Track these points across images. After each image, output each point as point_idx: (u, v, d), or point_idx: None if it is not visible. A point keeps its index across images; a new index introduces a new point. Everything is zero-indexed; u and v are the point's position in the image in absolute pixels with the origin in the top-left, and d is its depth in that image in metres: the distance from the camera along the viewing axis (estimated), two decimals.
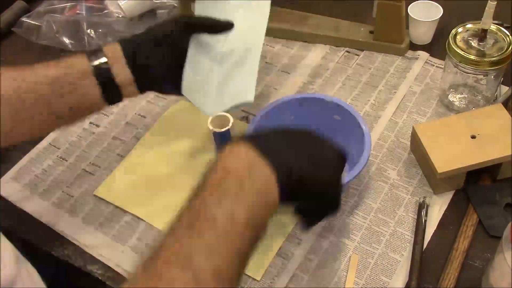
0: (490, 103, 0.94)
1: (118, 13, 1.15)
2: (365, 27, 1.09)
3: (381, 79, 1.02)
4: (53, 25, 1.12)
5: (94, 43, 1.10)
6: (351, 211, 0.84)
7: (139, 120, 0.99)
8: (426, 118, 0.95)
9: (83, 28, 1.11)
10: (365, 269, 0.77)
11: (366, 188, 0.86)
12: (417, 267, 0.75)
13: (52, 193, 0.90)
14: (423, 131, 0.85)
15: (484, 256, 0.77)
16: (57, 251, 0.83)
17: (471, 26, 0.90)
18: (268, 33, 1.11)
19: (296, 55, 1.09)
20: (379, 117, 0.96)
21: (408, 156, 0.90)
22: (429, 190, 0.85)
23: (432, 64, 1.04)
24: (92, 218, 0.86)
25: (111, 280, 0.79)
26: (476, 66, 0.86)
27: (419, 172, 0.87)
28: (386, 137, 0.93)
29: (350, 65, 1.06)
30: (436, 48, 1.06)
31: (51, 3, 1.17)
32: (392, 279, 0.76)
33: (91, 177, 0.91)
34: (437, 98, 0.98)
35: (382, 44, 1.06)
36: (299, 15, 1.13)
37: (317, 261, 0.79)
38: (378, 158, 0.90)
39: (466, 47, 0.88)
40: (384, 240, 0.80)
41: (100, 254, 0.81)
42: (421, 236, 0.78)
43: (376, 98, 0.99)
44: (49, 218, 0.86)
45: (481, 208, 0.81)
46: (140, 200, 0.87)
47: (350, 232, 0.81)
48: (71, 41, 1.11)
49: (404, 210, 0.83)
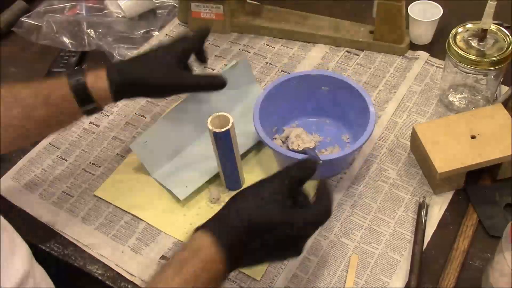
0: (490, 103, 0.94)
1: (118, 13, 1.15)
2: (365, 27, 1.09)
3: (381, 79, 1.02)
4: (53, 25, 1.12)
5: (94, 43, 1.10)
6: (351, 211, 0.84)
7: (139, 120, 0.99)
8: (426, 118, 0.95)
9: (83, 28, 1.11)
10: (365, 269, 0.77)
11: (366, 188, 0.86)
12: (417, 267, 0.75)
13: (52, 193, 0.90)
14: (423, 131, 0.85)
15: (484, 256, 0.77)
16: (57, 251, 0.83)
17: (471, 26, 0.90)
18: (268, 33, 1.12)
19: (296, 55, 1.09)
20: (379, 117, 0.96)
21: (408, 156, 0.90)
22: (429, 190, 0.85)
23: (432, 64, 1.04)
24: (92, 218, 0.86)
25: (111, 280, 0.79)
26: (476, 66, 0.86)
27: (419, 172, 0.87)
28: (386, 137, 0.93)
29: (350, 65, 1.06)
30: (436, 48, 1.06)
31: (51, 3, 1.17)
32: (392, 279, 0.76)
33: (91, 177, 0.91)
34: (437, 98, 0.98)
35: (382, 44, 1.06)
36: (299, 15, 1.13)
37: (317, 261, 0.79)
38: (378, 158, 0.90)
39: (466, 47, 0.88)
40: (384, 240, 0.80)
41: (100, 254, 0.81)
42: (421, 236, 0.78)
43: (376, 98, 0.99)
44: (49, 218, 0.86)
45: (481, 208, 0.81)
46: (140, 200, 0.87)
47: (350, 232, 0.81)
48: (71, 41, 1.11)
49: (404, 210, 0.83)
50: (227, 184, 0.86)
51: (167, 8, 1.19)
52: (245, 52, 1.10)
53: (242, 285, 0.77)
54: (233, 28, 1.14)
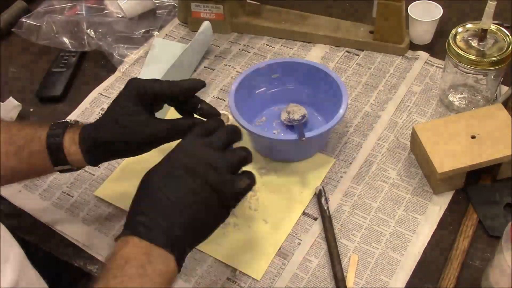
0: (490, 103, 0.94)
1: (118, 13, 1.15)
2: (365, 27, 1.09)
3: (381, 79, 1.02)
4: (53, 25, 1.12)
5: (94, 43, 1.10)
6: (351, 210, 0.84)
7: None
8: (426, 118, 0.95)
9: (83, 28, 1.11)
10: (365, 269, 0.77)
11: (366, 188, 0.86)
12: (337, 254, 0.77)
13: (52, 193, 0.90)
14: (423, 131, 0.85)
15: (484, 256, 0.77)
16: (57, 251, 0.83)
17: (471, 26, 0.90)
18: (268, 33, 1.12)
19: (296, 55, 1.09)
20: (379, 117, 0.96)
21: (408, 156, 0.90)
22: (429, 190, 0.85)
23: (432, 64, 1.04)
24: (92, 218, 0.86)
25: None
26: (476, 66, 0.86)
27: (419, 172, 0.87)
28: (386, 137, 0.93)
29: (350, 65, 1.06)
30: (436, 48, 1.06)
31: (51, 3, 1.17)
32: (392, 278, 0.76)
33: (91, 177, 0.91)
34: (437, 98, 0.98)
35: (382, 44, 1.06)
36: (299, 15, 1.13)
37: (317, 261, 0.79)
38: (378, 158, 0.90)
39: (466, 47, 0.88)
40: (384, 239, 0.80)
41: (100, 254, 0.81)
42: (329, 223, 0.80)
43: (376, 98, 0.99)
44: (49, 218, 0.86)
45: (481, 208, 0.81)
46: None
47: (350, 232, 0.81)
48: (71, 41, 1.11)
49: (404, 210, 0.83)
50: None
51: (167, 8, 1.19)
52: (245, 52, 1.10)
53: (242, 285, 0.77)
54: (233, 28, 1.14)
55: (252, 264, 0.78)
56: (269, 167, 0.89)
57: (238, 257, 0.79)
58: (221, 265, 0.79)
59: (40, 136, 0.71)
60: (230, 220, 0.83)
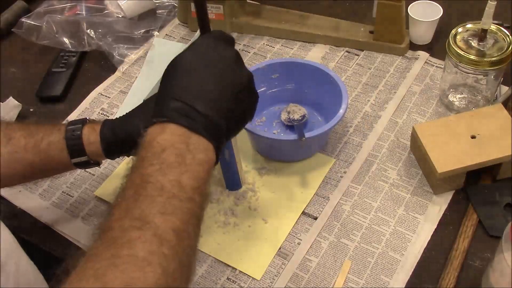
0: (490, 103, 0.94)
1: (118, 13, 1.15)
2: (365, 27, 1.09)
3: (381, 79, 1.02)
4: (53, 25, 1.12)
5: (94, 43, 1.10)
6: (351, 210, 0.84)
7: None
8: (426, 118, 0.95)
9: (83, 28, 1.11)
10: (365, 269, 0.77)
11: (366, 188, 0.86)
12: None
13: (52, 193, 0.90)
14: (423, 131, 0.85)
15: (484, 256, 0.77)
16: (57, 251, 0.83)
17: (471, 26, 0.90)
18: (268, 33, 1.12)
19: (296, 55, 1.09)
20: (379, 117, 0.96)
21: (408, 156, 0.90)
22: (429, 190, 0.85)
23: (432, 64, 1.04)
24: (92, 218, 0.86)
25: None
26: (476, 66, 0.86)
27: (419, 172, 0.87)
28: (386, 137, 0.93)
29: (350, 65, 1.06)
30: (436, 48, 1.06)
31: (51, 3, 1.17)
32: (392, 278, 0.76)
33: (91, 177, 0.91)
34: (437, 98, 0.98)
35: (382, 44, 1.06)
36: (299, 15, 1.13)
37: (317, 261, 0.79)
38: (378, 158, 0.90)
39: (466, 47, 0.88)
40: (384, 239, 0.80)
41: None
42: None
43: (376, 98, 0.99)
44: (49, 218, 0.86)
45: (481, 208, 0.81)
46: None
47: (350, 232, 0.81)
48: (71, 41, 1.11)
49: (404, 210, 0.83)
50: (227, 184, 0.86)
51: (167, 8, 1.19)
52: (245, 52, 1.10)
53: (242, 285, 0.77)
54: (233, 28, 1.14)
55: (252, 263, 0.78)
56: (269, 167, 0.89)
57: (238, 257, 0.79)
58: (221, 265, 0.79)
59: (60, 128, 0.72)
60: (230, 220, 0.83)
